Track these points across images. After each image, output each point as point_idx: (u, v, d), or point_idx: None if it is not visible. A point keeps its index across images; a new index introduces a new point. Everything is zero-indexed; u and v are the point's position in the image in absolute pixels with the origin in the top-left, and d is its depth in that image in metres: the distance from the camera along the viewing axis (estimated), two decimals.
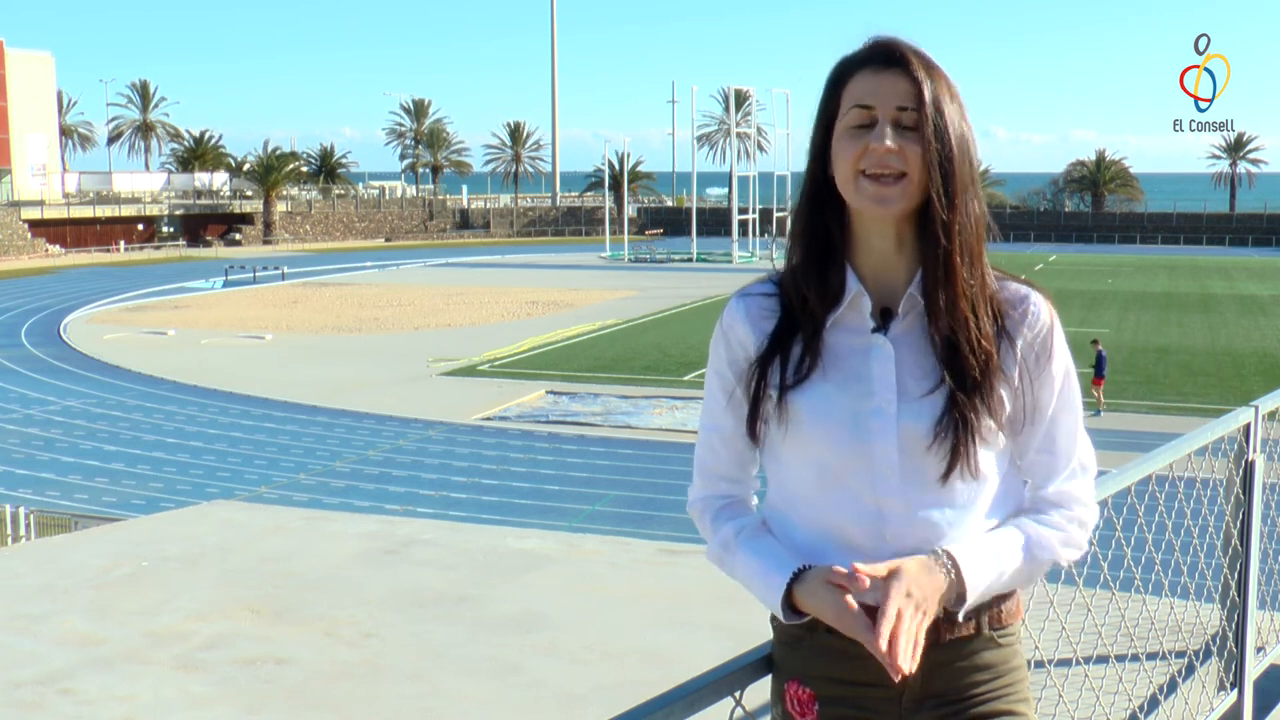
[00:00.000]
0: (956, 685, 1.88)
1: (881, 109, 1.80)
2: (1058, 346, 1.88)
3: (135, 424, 25.47)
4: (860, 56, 1.85)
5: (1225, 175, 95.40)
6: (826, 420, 1.83)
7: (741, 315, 1.92)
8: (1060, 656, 2.92)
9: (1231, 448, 3.85)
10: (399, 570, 6.81)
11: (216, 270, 59.59)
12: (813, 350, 1.86)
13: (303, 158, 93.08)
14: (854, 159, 1.81)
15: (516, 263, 68.17)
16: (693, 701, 1.85)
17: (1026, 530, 1.87)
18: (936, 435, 1.81)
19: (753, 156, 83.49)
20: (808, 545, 1.87)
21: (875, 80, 1.81)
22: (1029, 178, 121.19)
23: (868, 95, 1.81)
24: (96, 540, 8.09)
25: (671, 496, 19.38)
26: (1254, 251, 79.77)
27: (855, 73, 1.84)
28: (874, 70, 1.82)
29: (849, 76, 1.85)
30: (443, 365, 32.21)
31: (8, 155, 75.10)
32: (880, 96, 1.80)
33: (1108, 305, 45.44)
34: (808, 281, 1.87)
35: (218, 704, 5.17)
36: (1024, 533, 1.86)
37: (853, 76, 1.84)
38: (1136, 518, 3.26)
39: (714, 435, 1.97)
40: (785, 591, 1.82)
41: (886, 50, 1.83)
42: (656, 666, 5.31)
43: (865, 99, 1.81)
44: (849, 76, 1.85)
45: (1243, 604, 3.95)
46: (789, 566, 1.83)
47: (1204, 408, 23.37)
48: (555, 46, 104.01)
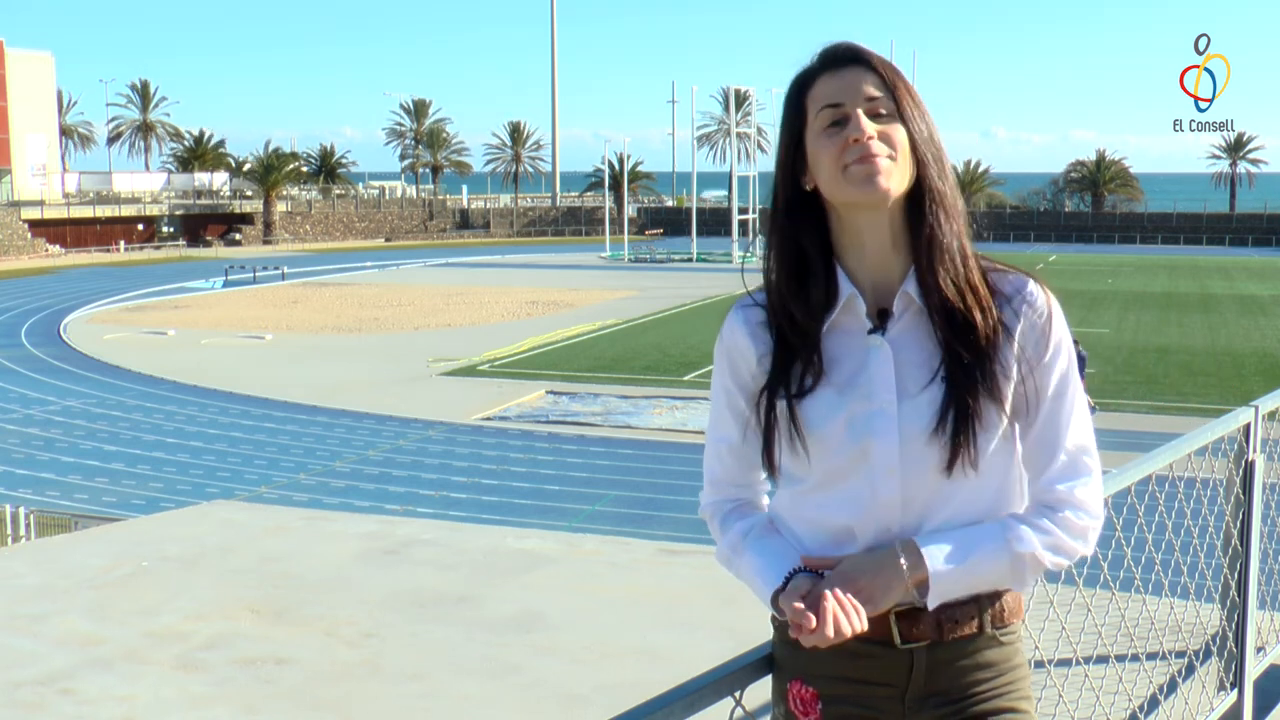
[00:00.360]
0: (959, 683, 1.89)
1: (851, 104, 1.81)
2: (1056, 334, 1.86)
3: (135, 424, 25.47)
4: (816, 64, 1.87)
5: (1225, 175, 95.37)
6: (828, 425, 1.84)
7: (742, 327, 1.93)
8: (1060, 656, 2.92)
9: (1231, 448, 3.85)
10: (399, 570, 6.81)
11: (216, 270, 59.58)
12: (812, 360, 1.86)
13: (303, 158, 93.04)
14: (836, 155, 1.81)
15: (516, 263, 68.16)
16: (693, 701, 1.85)
17: (1004, 522, 1.84)
18: (938, 426, 1.81)
19: (753, 156, 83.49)
20: (813, 545, 1.88)
21: (838, 79, 1.83)
22: (1029, 178, 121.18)
23: (835, 94, 1.82)
24: (96, 540, 8.09)
25: (671, 497, 19.38)
26: (1254, 251, 79.74)
27: (815, 79, 1.85)
28: (834, 71, 1.84)
29: (809, 85, 1.86)
30: (443, 365, 32.20)
31: (8, 155, 75.09)
32: (848, 92, 1.81)
33: (1108, 305, 45.44)
34: (788, 298, 1.87)
35: (218, 704, 5.17)
36: (1000, 525, 1.83)
37: (813, 83, 1.85)
38: (1136, 518, 3.26)
39: (722, 445, 1.98)
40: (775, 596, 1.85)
41: (843, 51, 1.85)
42: (656, 666, 5.31)
43: (833, 98, 1.82)
44: (809, 85, 1.86)
45: (1243, 604, 3.95)
46: (783, 570, 1.85)
47: (1204, 408, 23.35)
48: (555, 46, 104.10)
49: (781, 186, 1.89)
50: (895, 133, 1.80)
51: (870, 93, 1.81)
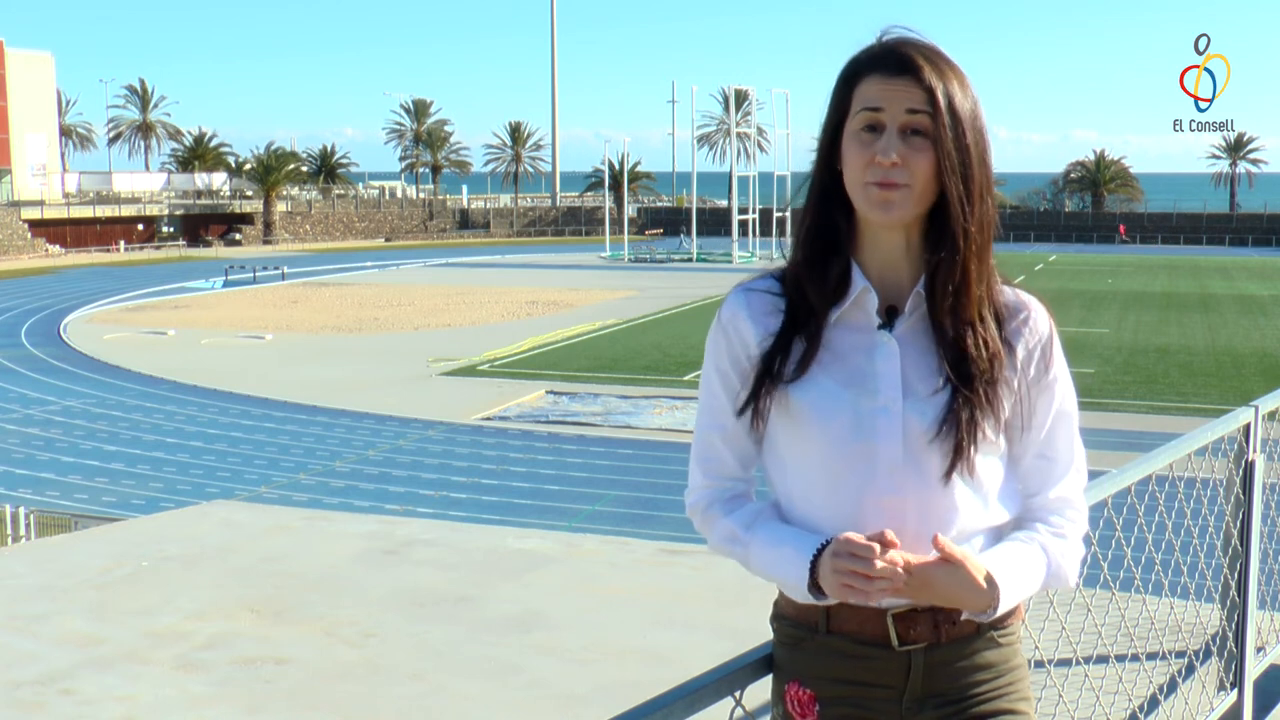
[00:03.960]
0: (958, 685, 1.88)
1: (890, 113, 1.79)
2: (1056, 356, 1.90)
3: (135, 424, 25.47)
4: (872, 58, 1.83)
5: (1225, 175, 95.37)
6: (830, 418, 1.83)
7: (744, 310, 1.91)
8: (1060, 656, 2.92)
9: (1231, 448, 3.85)
10: (399, 570, 6.81)
11: (216, 270, 59.57)
12: (814, 346, 1.85)
13: (303, 158, 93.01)
14: (861, 168, 1.80)
15: (516, 263, 68.15)
16: (693, 701, 1.85)
17: (1049, 550, 1.88)
18: (939, 432, 1.81)
19: (753, 156, 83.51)
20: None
21: (886, 85, 1.80)
22: (1029, 178, 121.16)
23: (877, 98, 1.80)
24: (96, 540, 8.09)
25: (671, 497, 19.38)
26: (1254, 251, 79.74)
27: (866, 75, 1.83)
28: (885, 75, 1.80)
29: (859, 78, 1.83)
30: (443, 365, 32.20)
31: (8, 155, 75.09)
32: (890, 101, 1.79)
33: (1108, 305, 45.41)
34: (811, 277, 1.87)
35: (218, 704, 5.17)
36: (1047, 554, 1.88)
37: (863, 79, 1.83)
38: (1136, 518, 3.26)
39: (714, 434, 1.95)
40: (811, 570, 1.80)
41: (898, 56, 1.81)
42: (656, 666, 5.31)
43: (875, 102, 1.80)
44: (859, 78, 1.83)
45: (1243, 604, 3.95)
46: (811, 544, 1.81)
47: (1204, 408, 23.36)
48: (555, 46, 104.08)
49: (818, 169, 1.89)
50: (923, 156, 1.78)
51: (912, 106, 1.78)
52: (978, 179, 1.81)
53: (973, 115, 1.81)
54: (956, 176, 1.79)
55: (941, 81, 1.79)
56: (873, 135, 1.80)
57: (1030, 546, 1.87)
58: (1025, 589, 1.85)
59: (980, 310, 1.83)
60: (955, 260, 1.81)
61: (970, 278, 1.82)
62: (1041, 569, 1.87)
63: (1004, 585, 1.80)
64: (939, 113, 1.78)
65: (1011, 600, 1.82)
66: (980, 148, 1.82)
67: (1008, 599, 1.81)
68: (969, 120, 1.81)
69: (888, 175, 1.78)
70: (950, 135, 1.78)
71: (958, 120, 1.79)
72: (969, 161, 1.80)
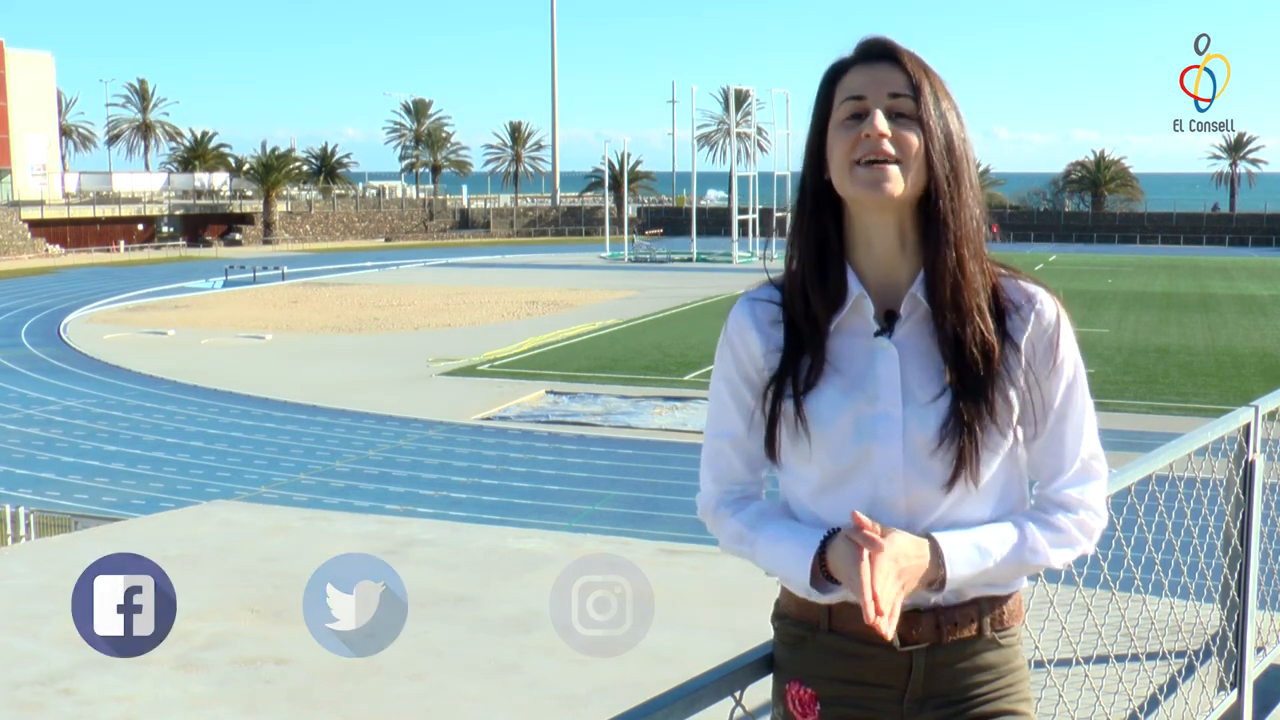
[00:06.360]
0: (958, 686, 1.88)
1: (873, 98, 1.80)
2: (1064, 345, 1.86)
3: (135, 424, 25.47)
4: (851, 56, 1.86)
5: (1225, 175, 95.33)
6: (832, 425, 1.83)
7: (749, 321, 1.91)
8: (1060, 656, 2.92)
9: (1231, 448, 3.85)
10: (399, 570, 6.78)
11: (216, 270, 59.56)
12: (819, 357, 1.84)
13: (303, 157, 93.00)
14: (847, 148, 1.80)
15: (516, 263, 68.14)
16: (693, 701, 1.85)
17: (1022, 528, 1.85)
18: (942, 441, 1.80)
19: (753, 156, 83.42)
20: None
21: (867, 73, 1.82)
22: (1029, 178, 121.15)
23: (859, 87, 1.82)
24: (96, 540, 8.09)
25: (671, 497, 19.39)
26: (1254, 251, 79.72)
27: (846, 70, 1.85)
28: (865, 65, 1.83)
29: (841, 75, 1.86)
30: (443, 365, 32.20)
31: (8, 155, 75.09)
32: (872, 87, 1.81)
33: (1108, 305, 45.43)
34: (809, 287, 1.86)
35: (218, 704, 5.17)
36: (1018, 530, 1.85)
37: (845, 74, 1.85)
38: (1136, 518, 3.26)
39: (724, 442, 1.94)
40: (819, 560, 1.80)
41: (878, 46, 1.84)
42: (656, 666, 5.30)
43: (857, 90, 1.82)
44: (841, 75, 1.86)
45: (1243, 604, 3.95)
46: (817, 535, 1.82)
47: (1204, 408, 23.36)
48: (555, 46, 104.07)
49: (808, 175, 1.89)
50: (911, 136, 1.79)
51: (894, 90, 1.80)
52: (964, 157, 1.82)
53: (953, 110, 1.84)
54: (944, 155, 1.80)
55: (922, 72, 1.82)
56: (857, 121, 1.81)
57: (1002, 524, 1.84)
58: (981, 558, 1.80)
59: (978, 300, 1.82)
60: (946, 244, 1.81)
61: (965, 263, 1.81)
62: (1008, 543, 1.82)
63: (949, 548, 1.78)
64: (922, 95, 1.80)
65: (966, 567, 1.79)
66: (963, 136, 1.84)
67: (959, 563, 1.78)
68: (951, 107, 1.83)
69: (876, 147, 1.78)
70: (934, 114, 1.80)
71: (938, 100, 1.81)
72: (954, 144, 1.81)
